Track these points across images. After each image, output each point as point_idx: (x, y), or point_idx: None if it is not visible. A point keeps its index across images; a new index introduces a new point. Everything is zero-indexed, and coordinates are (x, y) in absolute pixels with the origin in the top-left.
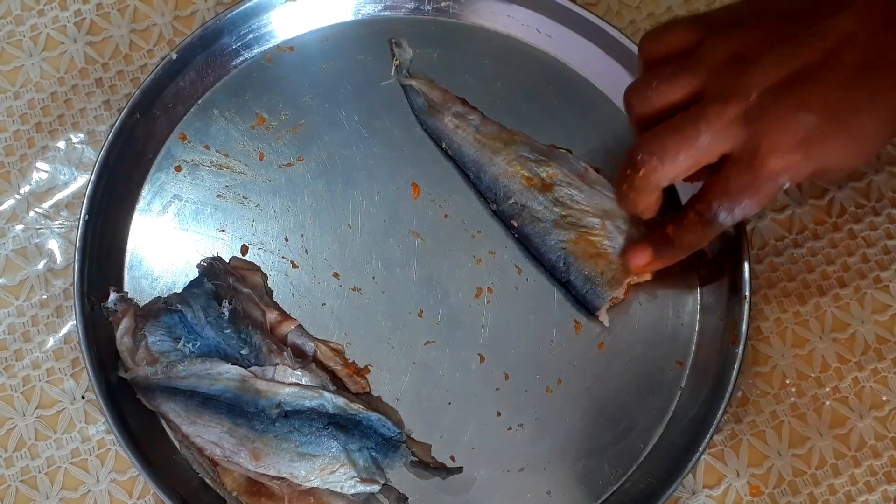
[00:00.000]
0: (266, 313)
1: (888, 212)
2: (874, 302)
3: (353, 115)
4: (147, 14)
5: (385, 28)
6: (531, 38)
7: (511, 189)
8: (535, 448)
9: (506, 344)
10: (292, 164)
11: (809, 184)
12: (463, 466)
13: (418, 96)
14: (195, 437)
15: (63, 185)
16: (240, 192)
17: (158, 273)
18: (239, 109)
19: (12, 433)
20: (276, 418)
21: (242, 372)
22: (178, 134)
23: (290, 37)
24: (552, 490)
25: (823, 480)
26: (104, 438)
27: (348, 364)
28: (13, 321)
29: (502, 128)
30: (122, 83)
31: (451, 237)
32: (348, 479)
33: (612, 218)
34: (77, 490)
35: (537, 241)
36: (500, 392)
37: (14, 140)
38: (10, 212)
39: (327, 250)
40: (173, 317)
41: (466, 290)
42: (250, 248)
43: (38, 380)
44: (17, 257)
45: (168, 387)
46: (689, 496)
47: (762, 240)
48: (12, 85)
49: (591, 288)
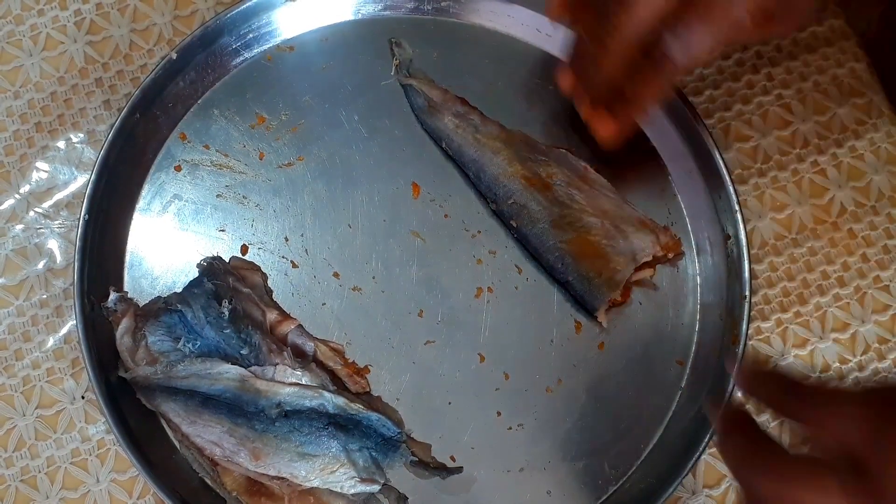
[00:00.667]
0: (266, 313)
1: (888, 212)
2: (874, 302)
3: (353, 115)
4: (147, 14)
5: (385, 28)
6: (531, 38)
7: (511, 189)
8: (535, 448)
9: (506, 344)
10: (292, 164)
11: (809, 183)
12: (463, 466)
13: (418, 96)
14: (195, 437)
15: (63, 185)
16: (240, 192)
17: (158, 273)
18: (239, 109)
19: (12, 433)
20: (276, 418)
21: (242, 372)
22: (178, 134)
23: (290, 37)
24: (552, 490)
25: None
26: (104, 438)
27: (348, 364)
28: (13, 321)
29: (502, 128)
30: (122, 83)
31: (451, 237)
32: (348, 479)
33: (610, 218)
34: (77, 490)
35: (536, 242)
36: (500, 392)
37: (14, 140)
38: (10, 212)
39: (327, 250)
40: (173, 317)
41: (466, 290)
42: (250, 248)
43: (38, 380)
44: (17, 257)
45: (168, 387)
46: (689, 496)
47: (762, 240)
48: (12, 85)
49: (589, 288)
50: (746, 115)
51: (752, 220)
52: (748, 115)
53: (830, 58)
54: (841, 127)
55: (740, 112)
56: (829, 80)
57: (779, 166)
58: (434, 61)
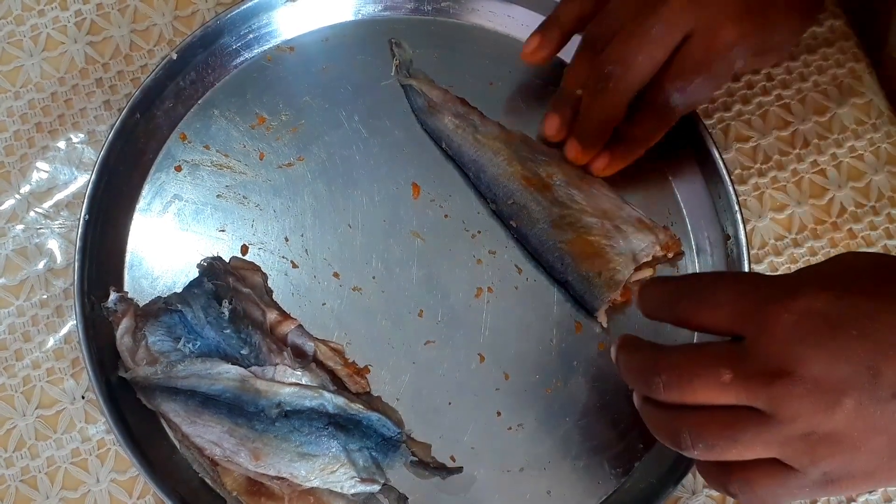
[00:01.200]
0: (266, 313)
1: (888, 212)
2: None
3: (353, 115)
4: (147, 14)
5: (385, 28)
6: None
7: (511, 189)
8: (535, 448)
9: (506, 344)
10: (292, 164)
11: (809, 183)
12: (463, 466)
13: (418, 96)
14: (195, 437)
15: (63, 185)
16: (240, 192)
17: (158, 273)
18: (239, 109)
19: (12, 433)
20: (276, 418)
21: (242, 372)
22: (178, 134)
23: (290, 37)
24: (552, 490)
25: None
26: (104, 438)
27: (348, 364)
28: (13, 321)
29: (502, 128)
30: (122, 83)
31: (451, 237)
32: (348, 479)
33: (610, 218)
34: (77, 490)
35: (536, 242)
36: (500, 392)
37: (14, 140)
38: (10, 212)
39: (327, 250)
40: (173, 317)
41: (466, 290)
42: (250, 248)
43: (38, 380)
44: (17, 257)
45: (168, 387)
46: (689, 496)
47: (762, 240)
48: (12, 85)
49: (589, 289)
50: (746, 115)
51: (752, 220)
52: (748, 115)
53: (830, 58)
54: (841, 127)
55: (740, 112)
56: (829, 80)
57: (779, 166)
58: (434, 61)
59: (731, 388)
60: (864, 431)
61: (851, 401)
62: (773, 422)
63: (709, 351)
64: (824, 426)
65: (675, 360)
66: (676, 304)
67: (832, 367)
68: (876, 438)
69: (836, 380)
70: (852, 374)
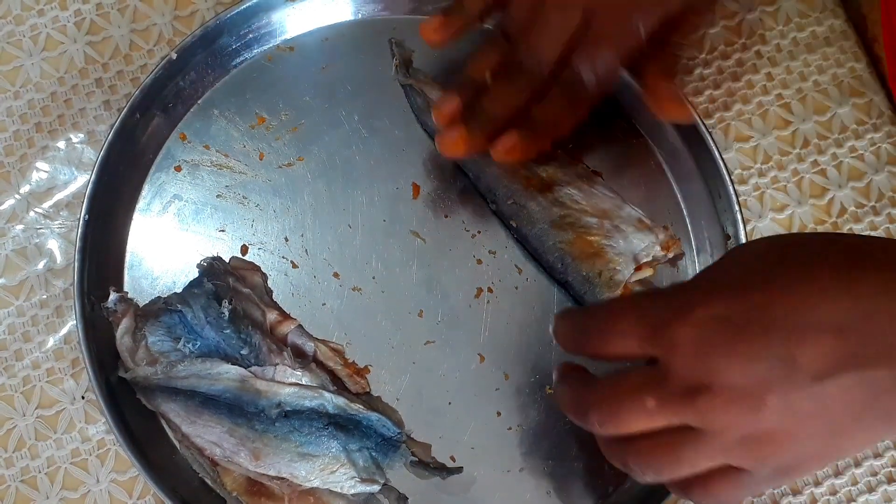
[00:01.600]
0: (266, 313)
1: (888, 212)
2: None
3: (353, 115)
4: (147, 14)
5: (385, 28)
6: None
7: (511, 189)
8: (536, 448)
9: (506, 344)
10: (292, 164)
11: (809, 183)
12: (463, 466)
13: (418, 96)
14: (195, 437)
15: (63, 185)
16: (240, 192)
17: (158, 273)
18: (239, 109)
19: (12, 433)
20: (276, 418)
21: (242, 372)
22: (178, 134)
23: (290, 37)
24: (552, 490)
25: (824, 480)
26: (104, 438)
27: (348, 364)
28: (13, 321)
29: None
30: (122, 83)
31: (451, 237)
32: (348, 479)
33: (610, 218)
34: (77, 490)
35: (536, 242)
36: (500, 392)
37: (14, 140)
38: (10, 212)
39: (327, 250)
40: (173, 317)
41: (466, 290)
42: (250, 248)
43: (38, 380)
44: (17, 257)
45: (168, 387)
46: None
47: None
48: (12, 85)
49: (588, 289)
50: (746, 115)
51: (752, 220)
52: (748, 115)
53: (830, 58)
54: (841, 127)
55: (740, 112)
56: (829, 80)
57: (779, 166)
58: (434, 61)
59: (657, 412)
60: (797, 421)
61: (775, 397)
62: (708, 436)
63: (630, 380)
64: (756, 428)
65: (601, 395)
66: (586, 340)
67: (746, 369)
68: (811, 423)
69: (754, 381)
70: (767, 370)
